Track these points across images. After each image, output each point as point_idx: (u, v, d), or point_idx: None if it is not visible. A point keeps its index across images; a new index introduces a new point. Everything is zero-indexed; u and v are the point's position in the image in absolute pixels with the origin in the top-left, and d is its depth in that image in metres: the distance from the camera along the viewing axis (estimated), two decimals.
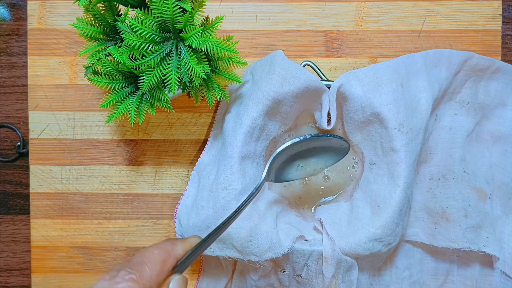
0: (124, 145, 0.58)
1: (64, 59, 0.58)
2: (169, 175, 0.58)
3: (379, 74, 0.50)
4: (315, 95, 0.52)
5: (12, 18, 0.59)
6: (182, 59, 0.44)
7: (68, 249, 0.58)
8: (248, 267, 0.54)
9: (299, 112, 0.54)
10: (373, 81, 0.50)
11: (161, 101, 0.45)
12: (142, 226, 0.58)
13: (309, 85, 0.50)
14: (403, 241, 0.56)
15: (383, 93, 0.49)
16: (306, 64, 0.54)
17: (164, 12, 0.41)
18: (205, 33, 0.44)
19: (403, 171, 0.49)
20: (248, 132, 0.49)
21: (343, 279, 0.51)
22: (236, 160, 0.49)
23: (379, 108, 0.49)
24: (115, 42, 0.47)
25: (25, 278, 0.60)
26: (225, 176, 0.50)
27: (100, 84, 0.45)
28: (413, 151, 0.50)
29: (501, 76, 0.55)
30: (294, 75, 0.49)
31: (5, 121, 0.59)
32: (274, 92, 0.49)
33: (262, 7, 0.58)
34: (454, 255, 0.57)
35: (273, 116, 0.51)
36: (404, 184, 0.49)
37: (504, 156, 0.56)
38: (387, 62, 0.51)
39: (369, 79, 0.50)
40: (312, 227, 0.53)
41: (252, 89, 0.51)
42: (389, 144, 0.50)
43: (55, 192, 0.58)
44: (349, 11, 0.58)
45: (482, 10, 0.57)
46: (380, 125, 0.50)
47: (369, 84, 0.50)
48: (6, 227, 0.60)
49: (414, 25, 0.57)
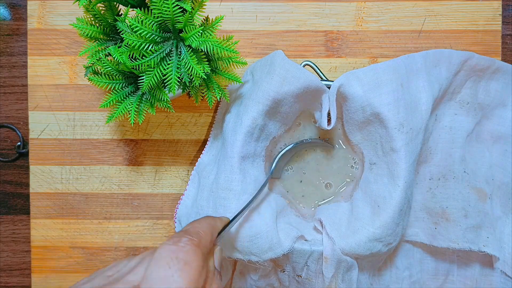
0: (124, 145, 0.58)
1: (64, 59, 0.58)
2: (169, 175, 0.58)
3: (379, 74, 0.50)
4: (315, 95, 0.52)
5: (12, 18, 0.59)
6: (182, 59, 0.44)
7: (68, 249, 0.58)
8: (248, 267, 0.54)
9: (299, 112, 0.54)
10: (373, 81, 0.50)
11: (161, 101, 0.45)
12: (142, 226, 0.58)
13: (309, 85, 0.50)
14: (403, 241, 0.56)
15: (383, 93, 0.49)
16: (306, 64, 0.54)
17: (164, 12, 0.41)
18: (205, 33, 0.44)
19: (403, 171, 0.49)
20: (248, 132, 0.50)
21: (343, 279, 0.51)
22: (236, 160, 0.49)
23: (379, 108, 0.49)
24: (115, 42, 0.47)
25: (25, 278, 0.60)
26: (225, 176, 0.50)
27: (100, 84, 0.45)
28: (413, 151, 0.50)
29: (501, 76, 0.55)
30: (294, 75, 0.49)
31: (5, 121, 0.59)
32: (274, 92, 0.49)
33: (262, 7, 0.58)
34: (454, 255, 0.57)
35: (273, 116, 0.51)
36: (404, 184, 0.49)
37: (504, 156, 0.56)
38: (387, 62, 0.51)
39: (369, 79, 0.50)
40: (312, 227, 0.53)
41: (252, 89, 0.51)
42: (389, 144, 0.50)
43: (55, 192, 0.58)
44: (349, 11, 0.58)
45: (482, 10, 0.57)
46: (380, 125, 0.50)
47: (369, 84, 0.50)
48: (6, 227, 0.60)
49: (414, 25, 0.57)
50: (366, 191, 0.53)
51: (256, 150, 0.52)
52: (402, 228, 0.52)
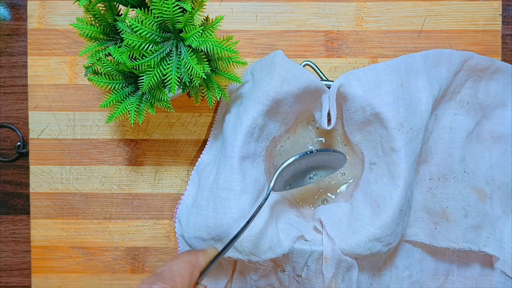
0: (124, 145, 0.58)
1: (64, 59, 0.58)
2: (169, 175, 0.58)
3: (379, 74, 0.50)
4: (315, 95, 0.52)
5: (12, 18, 0.59)
6: (182, 59, 0.44)
7: (68, 249, 0.58)
8: (248, 267, 0.54)
9: (299, 112, 0.54)
10: (373, 81, 0.50)
11: (161, 101, 0.45)
12: (142, 226, 0.58)
13: (309, 85, 0.50)
14: (403, 241, 0.56)
15: (383, 93, 0.49)
16: (306, 64, 0.54)
17: (164, 12, 0.41)
18: (205, 33, 0.44)
19: (403, 171, 0.49)
20: (248, 132, 0.49)
21: (343, 279, 0.51)
22: (236, 160, 0.49)
23: (379, 108, 0.49)
24: (115, 42, 0.47)
25: (25, 278, 0.60)
26: (225, 176, 0.50)
27: (100, 84, 0.45)
28: (413, 151, 0.50)
29: (501, 76, 0.55)
30: (294, 75, 0.49)
31: (5, 121, 0.59)
32: (274, 92, 0.49)
33: (262, 7, 0.58)
34: (454, 255, 0.57)
35: (273, 116, 0.51)
36: (404, 184, 0.49)
37: (504, 156, 0.56)
38: (387, 62, 0.51)
39: (369, 79, 0.50)
40: (312, 227, 0.53)
41: (252, 89, 0.51)
42: (389, 144, 0.50)
43: (55, 192, 0.58)
44: (349, 11, 0.58)
45: (482, 10, 0.57)
46: (380, 125, 0.50)
47: (369, 84, 0.50)
48: (6, 227, 0.60)
49: (414, 25, 0.57)
50: (366, 191, 0.53)
51: (256, 150, 0.52)
52: (402, 228, 0.52)
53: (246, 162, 0.51)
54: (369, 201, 0.52)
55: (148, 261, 0.59)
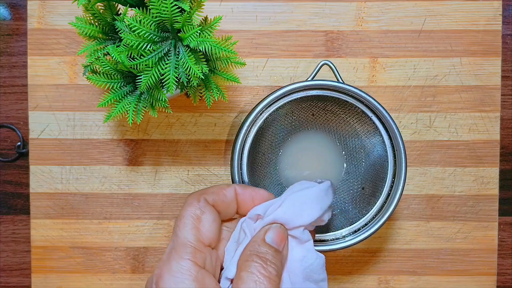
0: (124, 145, 0.58)
1: (64, 59, 0.58)
2: (169, 175, 0.58)
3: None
4: None
5: (12, 18, 0.59)
6: (180, 59, 0.44)
7: (68, 249, 0.58)
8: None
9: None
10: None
11: (159, 101, 0.45)
12: (142, 226, 0.58)
13: None
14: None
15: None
16: (324, 64, 0.53)
17: (163, 12, 0.41)
18: (203, 33, 0.44)
19: None
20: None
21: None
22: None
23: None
24: (114, 41, 0.47)
25: (25, 278, 0.60)
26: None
27: (98, 83, 0.45)
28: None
29: None
30: None
31: (5, 121, 0.59)
32: None
33: (262, 7, 0.58)
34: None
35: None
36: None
37: None
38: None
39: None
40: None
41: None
42: None
43: (55, 192, 0.58)
44: (349, 11, 0.58)
45: (483, 10, 0.57)
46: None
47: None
48: (6, 227, 0.60)
49: (414, 25, 0.57)
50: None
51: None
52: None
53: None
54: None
55: (148, 261, 0.59)
